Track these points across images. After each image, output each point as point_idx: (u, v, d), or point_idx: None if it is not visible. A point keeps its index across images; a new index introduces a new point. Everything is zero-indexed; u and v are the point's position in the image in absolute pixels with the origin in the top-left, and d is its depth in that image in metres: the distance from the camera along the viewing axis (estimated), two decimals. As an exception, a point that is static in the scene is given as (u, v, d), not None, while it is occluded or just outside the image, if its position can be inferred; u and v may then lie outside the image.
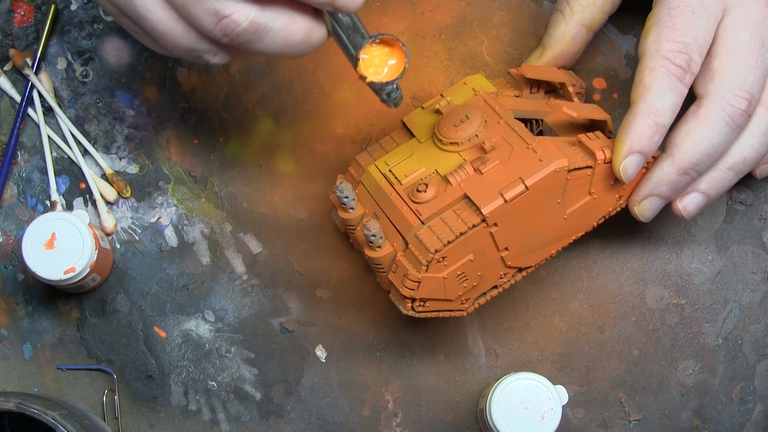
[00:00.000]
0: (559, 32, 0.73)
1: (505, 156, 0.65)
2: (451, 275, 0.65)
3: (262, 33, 0.59)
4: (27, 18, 0.79)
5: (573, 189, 0.66)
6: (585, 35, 0.73)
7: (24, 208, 0.77)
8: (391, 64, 0.61)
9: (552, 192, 0.65)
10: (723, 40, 0.66)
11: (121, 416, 0.75)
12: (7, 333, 0.76)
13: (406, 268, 0.65)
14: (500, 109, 0.68)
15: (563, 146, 0.66)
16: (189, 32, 0.61)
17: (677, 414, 0.75)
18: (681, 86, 0.65)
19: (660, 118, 0.65)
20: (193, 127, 0.78)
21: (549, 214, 0.66)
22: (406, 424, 0.75)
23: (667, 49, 0.65)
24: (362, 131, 0.78)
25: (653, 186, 0.67)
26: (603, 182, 0.67)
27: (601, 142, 0.67)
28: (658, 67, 0.65)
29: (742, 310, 0.76)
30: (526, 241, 0.67)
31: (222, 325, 0.76)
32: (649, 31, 0.66)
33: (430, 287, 0.65)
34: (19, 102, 0.77)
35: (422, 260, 0.64)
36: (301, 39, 0.61)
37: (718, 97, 0.65)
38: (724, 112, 0.65)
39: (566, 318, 0.76)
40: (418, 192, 0.65)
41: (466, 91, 0.70)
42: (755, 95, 0.66)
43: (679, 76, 0.65)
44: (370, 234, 0.64)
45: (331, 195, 0.70)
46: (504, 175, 0.65)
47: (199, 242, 0.77)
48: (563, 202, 0.66)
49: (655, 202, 0.68)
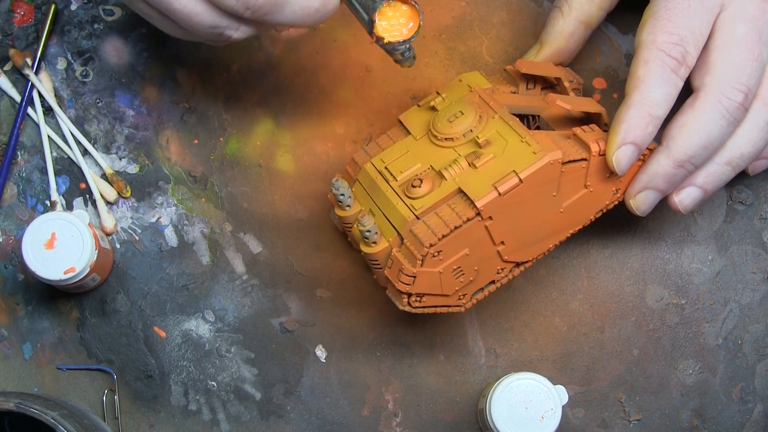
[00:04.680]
0: (557, 29, 0.73)
1: (500, 150, 0.65)
2: (446, 269, 0.65)
3: (283, 4, 0.61)
4: (27, 18, 0.79)
5: (568, 182, 0.66)
6: (583, 32, 0.73)
7: (24, 208, 0.77)
8: (404, 23, 0.64)
9: (547, 185, 0.65)
10: (720, 34, 0.66)
11: (121, 416, 0.75)
12: (7, 333, 0.76)
13: (401, 263, 0.65)
14: (495, 104, 0.68)
15: (558, 139, 0.66)
16: (210, 10, 0.62)
17: (677, 414, 0.75)
18: (676, 78, 0.65)
19: (654, 109, 0.64)
20: (193, 127, 0.78)
21: (545, 207, 0.66)
22: (406, 424, 0.75)
23: (662, 41, 0.65)
24: (362, 131, 0.78)
25: (649, 179, 0.67)
26: (599, 175, 0.67)
27: (595, 135, 0.66)
28: (653, 59, 0.65)
29: (742, 310, 0.76)
30: (523, 234, 0.67)
31: (222, 325, 0.76)
32: (645, 23, 0.66)
33: (425, 282, 0.65)
34: (19, 102, 0.77)
35: (417, 255, 0.64)
36: (318, 7, 0.62)
37: (715, 90, 0.65)
38: (720, 104, 0.65)
39: (566, 318, 0.76)
40: (412, 187, 0.65)
41: (461, 87, 0.70)
42: (752, 88, 0.66)
43: (674, 68, 0.65)
44: (365, 229, 0.64)
45: (329, 195, 0.70)
46: (498, 168, 0.64)
47: (199, 242, 0.77)
48: (558, 195, 0.66)
49: (651, 195, 0.68)
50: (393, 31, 0.64)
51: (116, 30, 0.79)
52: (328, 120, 0.78)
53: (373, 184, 0.67)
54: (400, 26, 0.64)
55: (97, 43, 0.79)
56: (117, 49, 0.79)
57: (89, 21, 0.79)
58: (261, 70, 0.78)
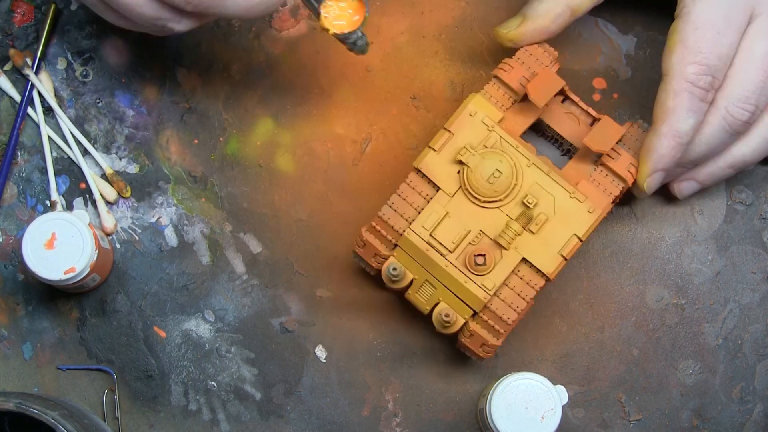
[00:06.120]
0: (544, 7, 0.71)
1: (550, 209, 0.68)
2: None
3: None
4: (27, 18, 0.79)
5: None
6: (568, 17, 0.72)
7: (24, 208, 0.77)
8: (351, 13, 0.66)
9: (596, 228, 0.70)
10: (741, 50, 0.67)
11: (121, 416, 0.75)
12: (7, 333, 0.76)
13: (483, 338, 0.68)
14: (522, 148, 0.69)
15: (591, 172, 0.69)
16: (152, 2, 0.62)
17: (677, 414, 0.75)
18: (703, 105, 0.67)
19: (683, 138, 0.67)
20: (193, 127, 0.78)
21: None
22: (406, 424, 0.75)
23: (692, 73, 0.66)
24: (362, 131, 0.78)
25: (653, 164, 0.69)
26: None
27: (624, 161, 0.69)
28: (682, 91, 0.66)
29: (742, 310, 0.76)
30: None
31: (222, 325, 0.76)
32: (674, 50, 0.67)
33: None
34: (19, 102, 0.77)
35: (501, 330, 0.68)
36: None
37: (722, 107, 0.67)
38: (725, 121, 0.67)
39: (566, 318, 0.76)
40: (477, 265, 0.67)
41: (476, 126, 0.69)
42: (759, 106, 0.68)
43: (702, 97, 0.66)
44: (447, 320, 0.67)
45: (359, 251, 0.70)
46: (556, 231, 0.68)
47: (199, 242, 0.77)
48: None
49: (657, 177, 0.70)
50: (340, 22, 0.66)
51: (116, 30, 0.78)
52: (328, 120, 0.78)
53: (424, 256, 0.68)
54: (347, 16, 0.66)
55: (97, 43, 0.79)
56: (117, 49, 0.79)
57: (89, 21, 0.79)
58: (261, 70, 0.78)
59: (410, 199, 0.69)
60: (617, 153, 0.69)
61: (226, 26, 0.79)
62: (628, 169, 0.69)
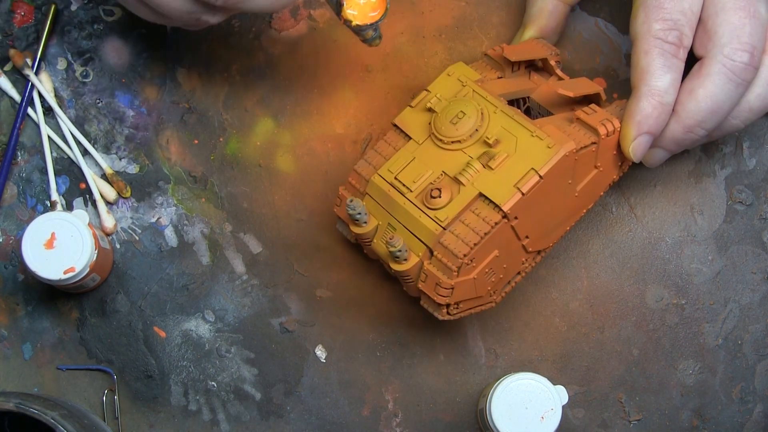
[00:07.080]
0: (536, 8, 0.74)
1: (511, 147, 0.66)
2: (480, 274, 0.66)
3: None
4: (27, 18, 0.79)
5: (581, 166, 0.67)
6: (563, 9, 0.74)
7: (24, 208, 0.77)
8: (372, 5, 0.66)
9: (563, 175, 0.66)
10: (710, 2, 0.67)
11: (121, 416, 0.75)
12: (7, 333, 0.76)
13: (437, 277, 0.65)
14: (492, 97, 0.68)
15: (563, 126, 0.67)
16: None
17: (677, 414, 0.75)
18: (677, 62, 0.66)
19: (663, 97, 0.66)
20: (193, 127, 0.78)
21: (563, 195, 0.67)
22: (406, 424, 0.75)
23: (658, 29, 0.66)
24: (362, 131, 0.78)
25: (662, 141, 0.68)
26: (607, 154, 0.68)
27: (599, 116, 0.68)
28: (652, 48, 0.66)
29: (742, 310, 0.76)
30: (545, 225, 0.68)
31: (222, 325, 0.76)
32: (637, 13, 0.67)
33: (462, 290, 0.66)
34: (19, 102, 0.77)
35: (452, 266, 0.65)
36: None
37: (718, 54, 0.66)
38: (725, 67, 0.66)
39: (566, 318, 0.76)
40: (432, 198, 0.65)
41: (451, 82, 0.70)
42: (757, 45, 0.66)
43: (673, 53, 0.66)
44: (395, 250, 0.64)
45: (336, 209, 0.69)
46: (515, 167, 0.65)
47: (199, 242, 0.77)
48: (573, 181, 0.67)
49: (660, 153, 0.70)
50: (361, 13, 0.66)
51: (116, 30, 0.79)
52: (328, 120, 0.78)
53: (387, 197, 0.67)
54: (368, 8, 0.66)
55: (97, 44, 0.79)
56: (117, 49, 0.79)
57: (89, 21, 0.79)
58: (261, 70, 0.78)
59: (385, 153, 0.69)
60: (592, 110, 0.68)
61: (226, 26, 0.79)
62: (602, 123, 0.67)
